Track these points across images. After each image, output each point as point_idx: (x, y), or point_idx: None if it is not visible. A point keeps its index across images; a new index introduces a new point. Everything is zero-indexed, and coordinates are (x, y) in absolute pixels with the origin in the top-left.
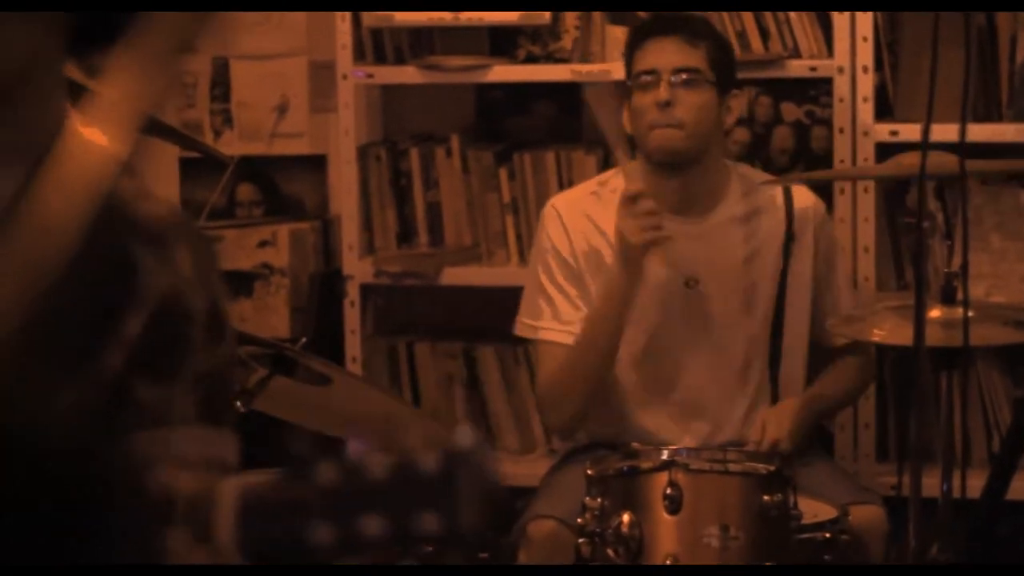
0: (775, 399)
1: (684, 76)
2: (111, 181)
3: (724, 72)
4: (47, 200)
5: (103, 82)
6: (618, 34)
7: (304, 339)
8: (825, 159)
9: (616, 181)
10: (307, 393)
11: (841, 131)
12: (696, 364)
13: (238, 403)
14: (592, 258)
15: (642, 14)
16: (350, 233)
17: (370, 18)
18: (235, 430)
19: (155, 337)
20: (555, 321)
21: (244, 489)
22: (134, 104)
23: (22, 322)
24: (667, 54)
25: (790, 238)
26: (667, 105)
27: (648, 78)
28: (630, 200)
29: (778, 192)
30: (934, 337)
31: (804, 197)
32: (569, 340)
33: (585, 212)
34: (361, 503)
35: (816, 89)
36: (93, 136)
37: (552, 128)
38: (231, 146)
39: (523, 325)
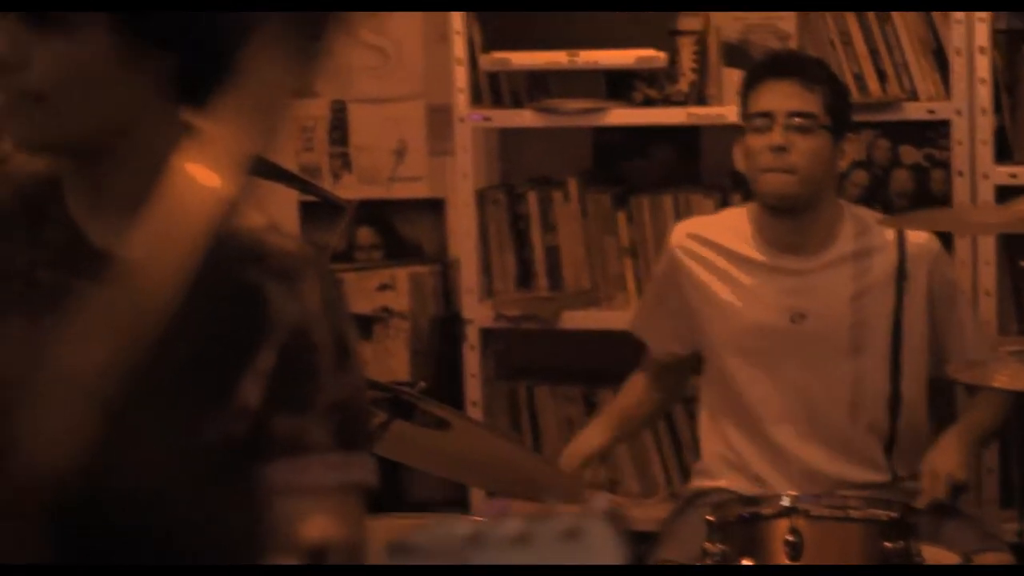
0: (892, 438)
1: (799, 120)
2: (219, 222)
3: (839, 116)
4: (155, 242)
5: (212, 122)
6: (735, 77)
7: (423, 383)
8: (944, 202)
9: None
10: (426, 437)
11: (960, 174)
12: (799, 400)
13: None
14: (700, 289)
15: (758, 57)
16: (469, 277)
17: (487, 61)
18: (372, 454)
19: (287, 369)
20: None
21: (390, 533)
22: (243, 145)
23: (132, 367)
24: (782, 97)
25: (903, 276)
26: (781, 150)
27: (762, 121)
28: None
29: (891, 231)
30: None
31: (918, 235)
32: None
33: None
34: (493, 555)
35: (934, 132)
36: (201, 177)
37: (669, 171)
38: (350, 189)
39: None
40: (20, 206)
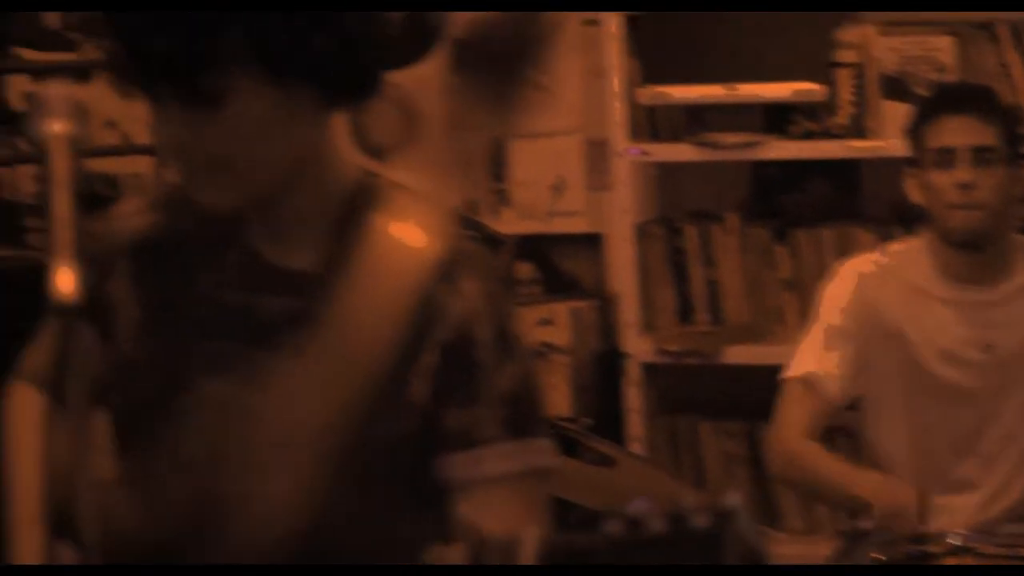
0: None
1: (982, 155)
2: (425, 280)
3: (1014, 145)
4: (363, 304)
5: (416, 179)
6: (894, 109)
7: (587, 420)
8: None
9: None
10: (591, 474)
11: None
12: (982, 433)
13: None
14: (884, 325)
15: (920, 91)
16: (629, 311)
17: (645, 95)
18: (550, 437)
19: (452, 365)
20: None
21: (544, 536)
22: (448, 200)
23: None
24: (964, 133)
25: None
26: (968, 187)
27: (943, 156)
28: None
29: None
30: None
31: None
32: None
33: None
34: (640, 554)
35: None
36: (407, 237)
37: (828, 204)
38: (509, 225)
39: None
40: (204, 235)
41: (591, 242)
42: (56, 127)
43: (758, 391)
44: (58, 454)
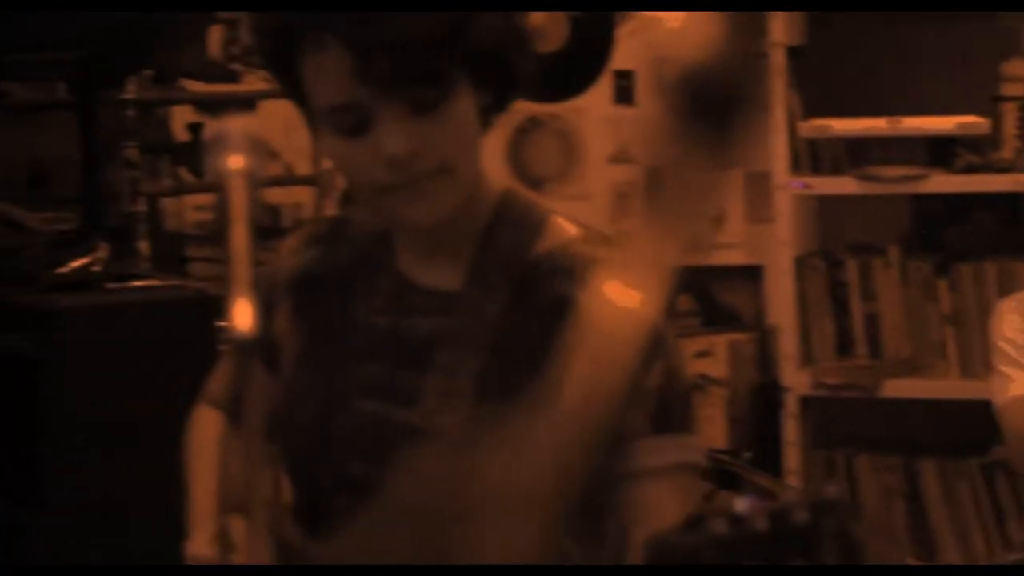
0: None
1: None
2: (644, 343)
3: None
4: (582, 368)
5: (629, 236)
6: None
7: (748, 453)
8: None
9: None
10: None
11: None
12: None
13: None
14: None
15: None
16: (788, 344)
17: (806, 128)
18: (697, 435)
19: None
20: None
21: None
22: (665, 258)
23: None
24: None
25: None
26: None
27: None
28: None
29: None
30: None
31: None
32: None
33: None
34: (745, 550)
35: None
36: (621, 298)
37: (991, 238)
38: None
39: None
40: (358, 262)
41: (750, 274)
42: (234, 162)
43: (916, 425)
44: (234, 473)
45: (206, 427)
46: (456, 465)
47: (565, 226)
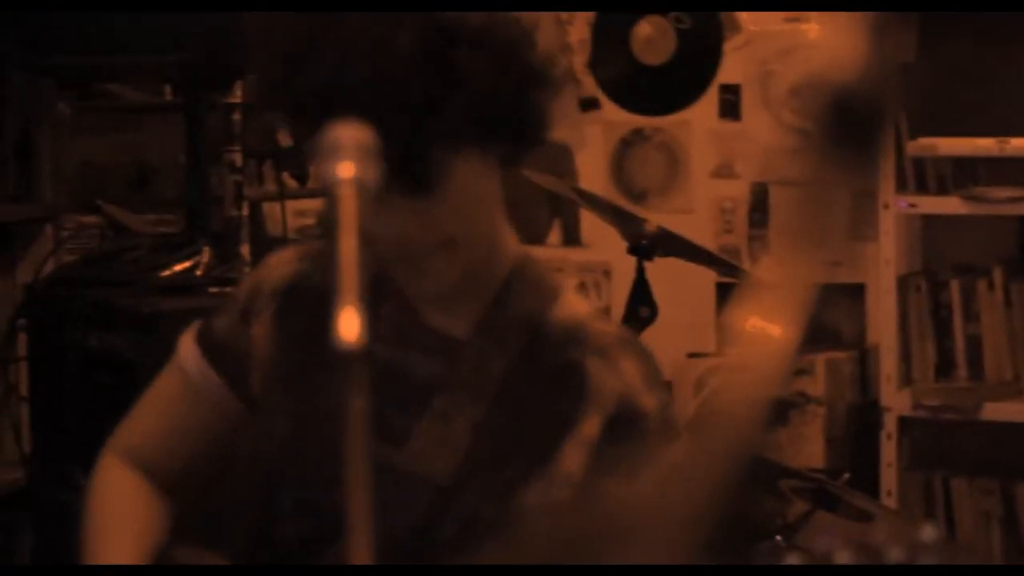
0: None
1: None
2: (784, 370)
3: None
4: (726, 399)
5: (768, 267)
6: None
7: (847, 475)
8: None
9: None
10: (848, 529)
11: None
12: None
13: (778, 537)
14: None
15: None
16: (888, 364)
17: (914, 148)
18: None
19: (614, 438)
20: None
21: None
22: (803, 284)
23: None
24: None
25: None
26: None
27: None
28: None
29: None
30: None
31: None
32: None
33: None
34: None
35: None
36: (763, 329)
37: None
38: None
39: None
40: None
41: (851, 292)
42: (344, 169)
43: (1016, 449)
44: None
45: (121, 491)
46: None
47: (576, 301)
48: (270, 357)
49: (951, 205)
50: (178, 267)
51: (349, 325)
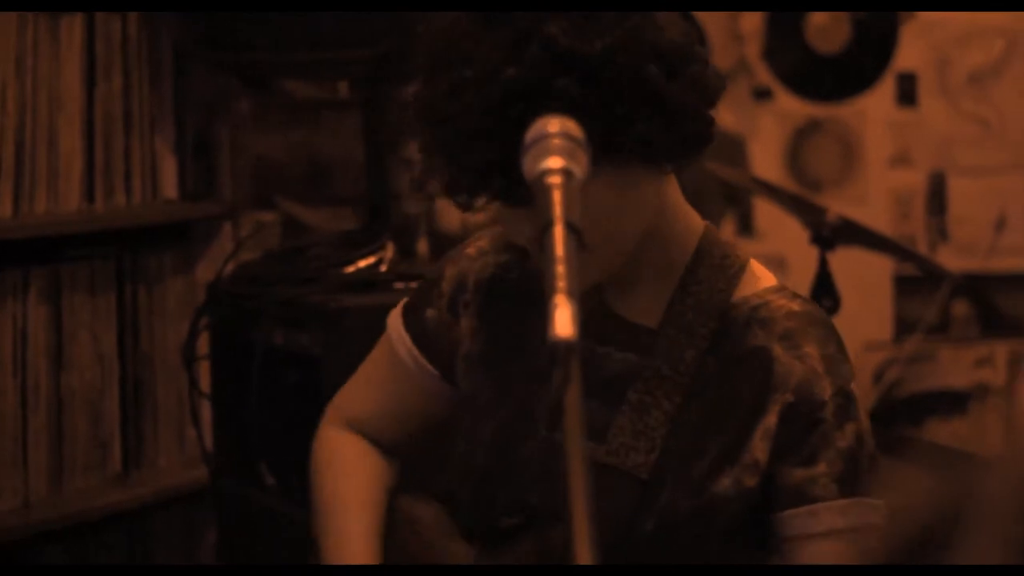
0: None
1: None
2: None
3: None
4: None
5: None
6: None
7: None
8: None
9: None
10: None
11: None
12: None
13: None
14: None
15: None
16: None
17: None
18: (880, 496)
19: (792, 424)
20: None
21: None
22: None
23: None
24: None
25: None
26: None
27: None
28: None
29: None
30: None
31: None
32: None
33: None
34: None
35: None
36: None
37: None
38: (947, 261)
39: None
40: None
41: None
42: (553, 162)
43: None
44: None
45: (348, 453)
46: None
47: (761, 274)
48: (476, 351)
49: None
50: (362, 263)
51: (564, 319)
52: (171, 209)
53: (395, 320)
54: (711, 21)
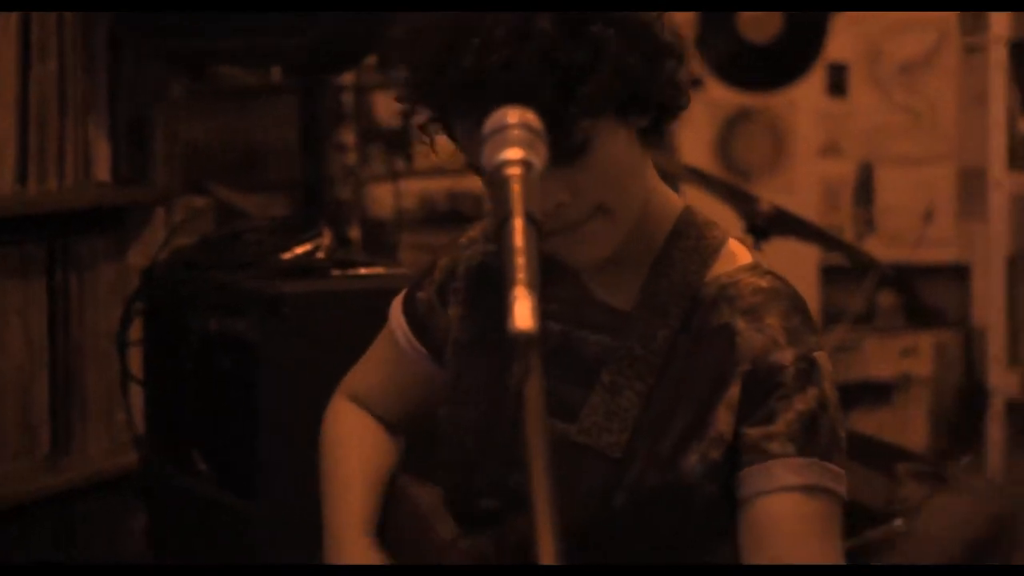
0: None
1: None
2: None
3: None
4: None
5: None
6: None
7: (967, 457)
8: None
9: None
10: (964, 512)
11: None
12: None
13: (898, 521)
14: None
15: None
16: (996, 345)
17: None
18: (842, 463)
19: (753, 390)
20: None
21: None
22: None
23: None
24: None
25: None
26: None
27: None
28: None
29: None
30: None
31: None
32: None
33: None
34: None
35: None
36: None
37: None
38: (874, 251)
39: None
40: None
41: (958, 273)
42: (512, 153)
43: None
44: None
45: (355, 427)
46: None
47: (737, 252)
48: (464, 338)
49: None
50: (299, 249)
51: (523, 311)
52: (104, 194)
53: (396, 303)
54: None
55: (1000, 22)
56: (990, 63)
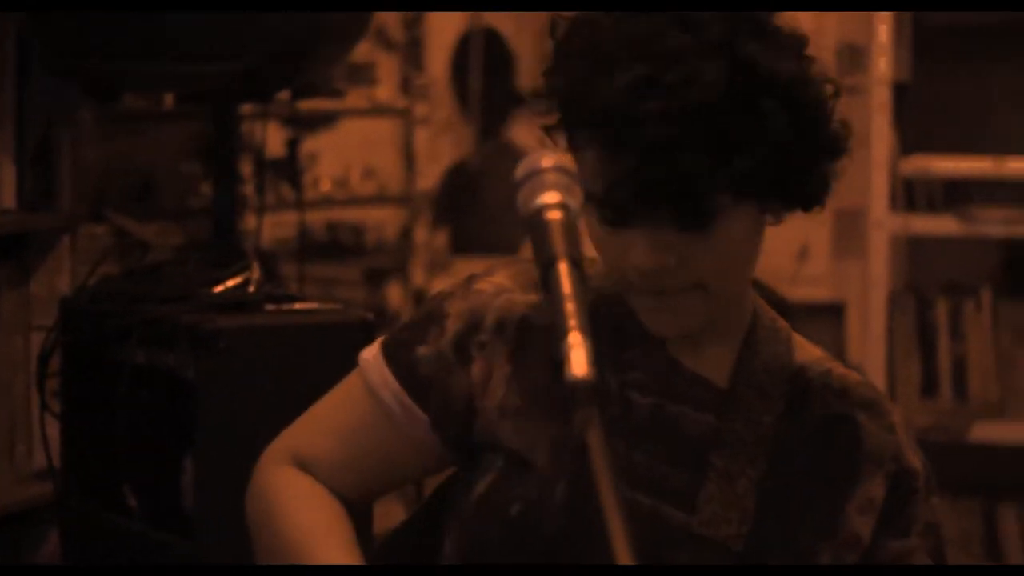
0: None
1: None
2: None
3: None
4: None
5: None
6: None
7: None
8: None
9: None
10: None
11: None
12: None
13: None
14: None
15: None
16: (875, 383)
17: (907, 166)
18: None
19: (895, 496)
20: None
21: None
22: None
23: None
24: None
25: None
26: None
27: None
28: None
29: None
30: None
31: None
32: None
33: None
34: None
35: None
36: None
37: None
38: None
39: None
40: (604, 321)
41: (831, 311)
42: (549, 197)
43: (998, 471)
44: None
45: (310, 489)
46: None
47: (807, 344)
48: (506, 401)
49: (944, 225)
50: (231, 282)
51: (579, 358)
52: (8, 220)
53: (374, 361)
54: None
55: (883, 63)
56: (872, 104)
